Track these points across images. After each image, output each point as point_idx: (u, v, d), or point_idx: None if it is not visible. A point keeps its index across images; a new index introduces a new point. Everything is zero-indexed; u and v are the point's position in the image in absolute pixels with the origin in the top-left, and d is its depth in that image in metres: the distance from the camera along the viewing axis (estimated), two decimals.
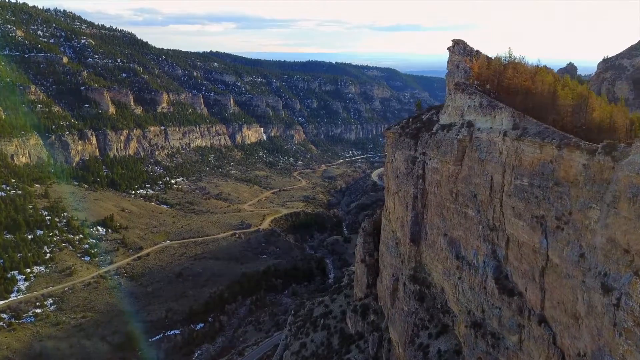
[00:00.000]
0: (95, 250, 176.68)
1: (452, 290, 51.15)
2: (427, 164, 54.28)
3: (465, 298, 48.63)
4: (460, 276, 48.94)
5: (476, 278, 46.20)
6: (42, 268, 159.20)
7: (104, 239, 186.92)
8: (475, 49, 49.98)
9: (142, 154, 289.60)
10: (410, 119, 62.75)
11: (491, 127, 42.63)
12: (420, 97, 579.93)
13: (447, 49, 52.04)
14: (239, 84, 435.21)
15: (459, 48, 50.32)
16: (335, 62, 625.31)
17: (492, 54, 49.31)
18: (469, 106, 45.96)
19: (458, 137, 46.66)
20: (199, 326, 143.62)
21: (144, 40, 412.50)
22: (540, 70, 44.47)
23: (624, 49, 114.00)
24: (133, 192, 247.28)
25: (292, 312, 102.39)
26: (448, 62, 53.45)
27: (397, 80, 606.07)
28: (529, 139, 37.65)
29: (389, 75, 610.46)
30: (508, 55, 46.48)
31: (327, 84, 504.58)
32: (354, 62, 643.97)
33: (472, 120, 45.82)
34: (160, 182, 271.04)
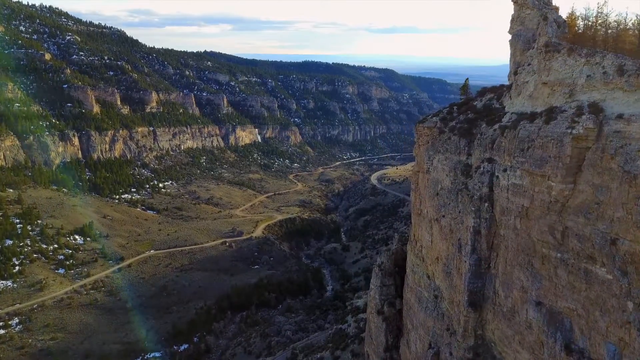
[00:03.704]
0: (71, 261, 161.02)
1: None
2: (498, 177, 33.72)
3: None
4: None
5: None
6: (9, 282, 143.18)
7: (81, 249, 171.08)
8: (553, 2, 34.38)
9: (128, 156, 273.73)
10: (455, 107, 42.83)
11: None
12: (419, 97, 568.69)
13: (513, 0, 36.55)
14: (233, 83, 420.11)
15: None
16: (332, 63, 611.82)
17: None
18: (588, 76, 26.44)
19: (573, 133, 26.46)
20: (182, 347, 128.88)
21: (135, 38, 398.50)
22: None
23: None
24: (117, 197, 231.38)
25: None
26: (512, 21, 35.73)
27: (395, 81, 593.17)
28: None
29: (386, 76, 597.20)
30: (599, 12, 30.73)
31: (324, 84, 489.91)
32: (351, 63, 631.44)
33: (599, 101, 26.13)
34: (147, 186, 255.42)
